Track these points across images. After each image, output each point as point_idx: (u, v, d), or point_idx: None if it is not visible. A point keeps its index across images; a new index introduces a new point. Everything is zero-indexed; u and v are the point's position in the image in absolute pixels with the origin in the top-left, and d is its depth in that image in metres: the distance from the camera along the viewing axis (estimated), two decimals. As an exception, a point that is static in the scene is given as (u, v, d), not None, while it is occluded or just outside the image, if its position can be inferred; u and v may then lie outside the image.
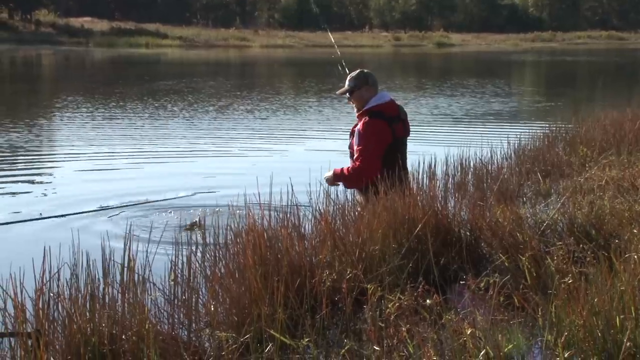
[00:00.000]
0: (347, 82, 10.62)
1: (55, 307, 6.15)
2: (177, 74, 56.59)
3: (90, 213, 12.98)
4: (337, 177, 10.28)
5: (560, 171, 13.25)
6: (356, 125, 10.48)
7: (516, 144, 15.71)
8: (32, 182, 17.40)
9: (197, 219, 10.00)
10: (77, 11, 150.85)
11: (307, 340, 6.19)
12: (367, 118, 10.22)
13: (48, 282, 6.41)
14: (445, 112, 30.09)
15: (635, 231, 8.41)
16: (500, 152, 14.42)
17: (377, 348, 5.95)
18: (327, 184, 10.31)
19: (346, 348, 6.11)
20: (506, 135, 18.43)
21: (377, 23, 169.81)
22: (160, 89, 43.39)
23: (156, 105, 35.10)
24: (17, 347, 5.83)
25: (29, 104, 37.16)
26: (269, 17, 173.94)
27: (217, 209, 10.93)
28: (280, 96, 40.35)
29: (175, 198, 13.96)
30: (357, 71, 10.72)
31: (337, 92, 10.90)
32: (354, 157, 10.22)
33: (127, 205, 13.38)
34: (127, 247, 6.94)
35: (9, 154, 21.01)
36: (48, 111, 33.20)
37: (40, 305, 6.14)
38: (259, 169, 14.67)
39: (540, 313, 6.55)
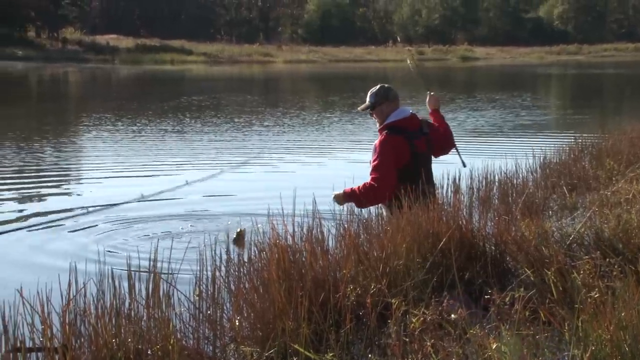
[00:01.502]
0: (367, 98, 10.65)
1: (81, 322, 6.20)
2: (202, 90, 56.65)
3: (115, 226, 13.02)
4: (347, 197, 10.20)
5: (586, 184, 13.15)
6: None
7: (542, 157, 15.57)
8: (61, 194, 17.47)
9: (240, 230, 10.01)
10: (102, 29, 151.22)
11: (331, 355, 6.20)
12: (385, 134, 10.27)
13: (74, 298, 6.48)
14: (470, 125, 29.89)
15: None
16: (526, 166, 14.31)
17: (406, 362, 5.98)
18: (336, 204, 10.31)
19: (372, 360, 6.14)
20: (531, 149, 18.34)
21: (401, 37, 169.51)
22: (185, 105, 43.51)
23: (181, 120, 35.25)
24: (46, 360, 5.89)
25: (56, 121, 37.23)
26: (292, 32, 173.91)
27: (240, 224, 10.98)
28: (304, 111, 40.38)
29: (197, 212, 14.04)
30: (378, 86, 10.71)
31: (359, 109, 10.86)
32: (369, 172, 10.25)
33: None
34: (152, 263, 7.01)
35: (38, 168, 21.09)
36: (76, 127, 33.39)
37: (67, 320, 6.21)
38: (282, 183, 14.69)
39: (566, 327, 6.47)
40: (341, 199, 10.20)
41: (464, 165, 11.95)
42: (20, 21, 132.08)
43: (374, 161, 10.18)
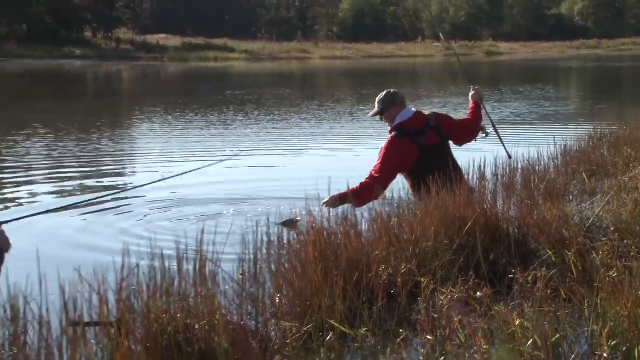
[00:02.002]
0: (376, 105, 10.75)
1: (134, 299, 6.25)
2: (244, 85, 56.69)
3: (164, 212, 13.10)
4: (342, 199, 10.08)
5: (605, 171, 13.08)
6: None
7: (562, 145, 15.56)
8: (114, 178, 17.56)
9: (294, 216, 10.01)
10: (153, 29, 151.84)
11: (365, 330, 6.23)
12: (392, 137, 10.42)
13: (128, 276, 6.52)
14: (495, 116, 29.27)
15: None
16: (547, 153, 14.22)
17: (430, 337, 5.96)
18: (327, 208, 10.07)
19: (401, 337, 6.13)
20: (553, 137, 18.30)
21: (429, 34, 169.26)
22: (229, 99, 43.52)
23: (224, 112, 35.23)
24: (102, 335, 5.93)
25: (111, 114, 37.37)
26: (328, 30, 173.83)
27: (280, 208, 10.99)
28: (339, 104, 40.27)
29: (238, 196, 14.05)
30: (384, 93, 10.79)
31: (370, 115, 10.95)
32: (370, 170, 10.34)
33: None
34: (199, 244, 7.03)
35: (94, 156, 21.20)
36: (129, 120, 33.50)
37: (121, 297, 6.27)
38: (318, 170, 14.68)
39: (586, 305, 6.48)
40: (336, 203, 10.01)
41: (508, 154, 12.29)
42: (78, 23, 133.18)
43: (377, 160, 10.32)
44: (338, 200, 9.89)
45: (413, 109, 10.57)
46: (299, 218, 9.35)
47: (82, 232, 11.69)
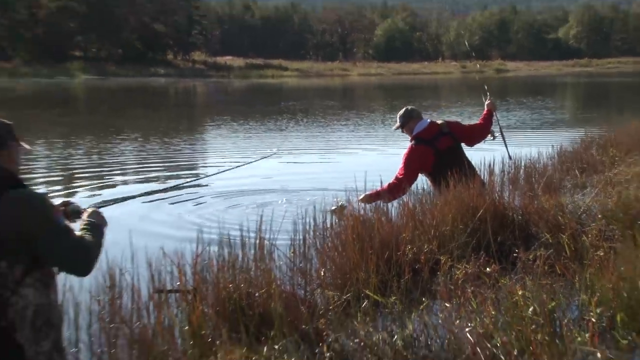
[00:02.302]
0: (397, 119, 10.71)
1: (206, 272, 6.33)
2: (295, 97, 56.76)
3: (228, 200, 13.10)
4: (373, 197, 9.92)
5: (594, 168, 13.13)
6: None
7: (558, 147, 15.50)
8: (188, 173, 17.61)
9: (341, 203, 10.03)
10: (221, 52, 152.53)
11: (394, 298, 6.23)
12: (412, 145, 10.36)
13: (201, 253, 6.58)
14: (503, 122, 29.34)
15: None
16: (546, 154, 14.26)
17: (447, 305, 5.96)
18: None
19: (424, 305, 6.13)
20: (550, 140, 18.29)
21: (448, 55, 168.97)
22: (283, 108, 43.61)
23: (279, 119, 35.20)
24: (181, 301, 6.01)
25: (187, 121, 37.53)
26: (364, 52, 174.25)
27: (324, 198, 10.99)
28: (373, 112, 40.24)
29: (289, 188, 14.07)
30: (404, 109, 10.72)
31: (393, 128, 10.93)
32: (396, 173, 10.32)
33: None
34: (258, 227, 7.08)
35: (175, 157, 21.28)
36: (202, 126, 33.61)
37: (196, 270, 6.36)
38: (356, 167, 14.62)
39: (577, 279, 6.55)
40: (369, 200, 9.94)
41: (509, 155, 12.24)
42: (162, 47, 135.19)
43: (401, 164, 10.29)
44: (370, 198, 9.87)
45: (428, 120, 10.53)
46: (346, 205, 9.35)
47: (164, 216, 11.76)
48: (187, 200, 13.10)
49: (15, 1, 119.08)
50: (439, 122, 10.57)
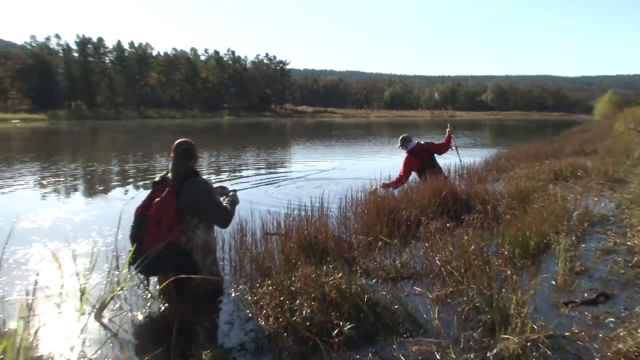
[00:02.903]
0: (399, 141, 10.58)
1: (293, 224, 6.28)
2: (340, 128, 56.82)
3: (304, 184, 12.97)
4: (387, 186, 9.86)
5: (502, 170, 12.95)
6: None
7: (484, 158, 15.50)
8: (287, 173, 17.65)
9: (374, 187, 10.09)
10: (301, 103, 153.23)
11: (396, 240, 6.17)
12: (407, 156, 10.23)
13: (291, 213, 6.56)
14: (456, 142, 29.44)
15: (535, 195, 8.46)
16: (478, 162, 14.13)
17: (425, 244, 5.92)
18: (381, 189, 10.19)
19: (412, 244, 6.09)
20: (480, 154, 18.06)
21: (424, 106, 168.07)
22: (334, 135, 43.63)
23: (330, 141, 35.13)
24: (278, 240, 5.97)
25: (283, 141, 37.65)
26: (378, 104, 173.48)
27: (356, 184, 10.92)
28: (383, 137, 40.07)
29: (340, 179, 14.00)
30: (402, 136, 10.61)
31: (396, 147, 10.86)
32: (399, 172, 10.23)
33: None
34: (321, 199, 7.04)
35: (276, 161, 21.31)
36: (290, 144, 33.71)
37: (287, 223, 6.35)
38: (377, 168, 14.50)
39: (495, 231, 6.44)
40: (384, 187, 9.90)
41: (460, 161, 12.24)
42: (268, 101, 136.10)
43: (401, 168, 10.12)
44: (385, 186, 9.86)
45: (415, 141, 10.47)
46: (375, 188, 9.38)
47: (269, 194, 11.71)
48: (282, 185, 13.06)
49: (195, 79, 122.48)
50: (422, 142, 10.53)
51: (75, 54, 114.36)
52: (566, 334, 4.00)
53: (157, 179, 5.02)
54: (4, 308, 4.01)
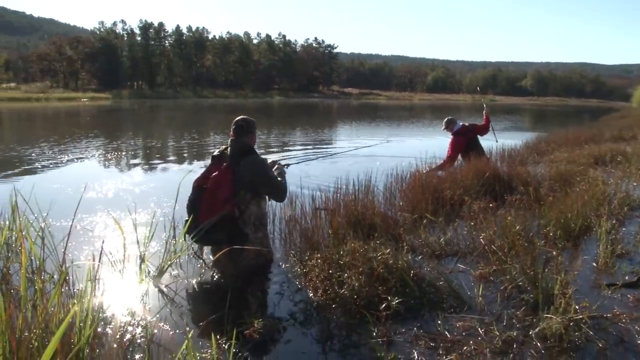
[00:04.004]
0: (444, 123, 10.40)
1: (341, 200, 6.20)
2: (384, 110, 56.36)
3: (352, 160, 12.85)
4: (435, 169, 9.75)
5: (543, 153, 12.65)
6: None
7: (524, 142, 15.11)
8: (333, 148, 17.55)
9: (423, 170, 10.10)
10: (347, 85, 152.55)
11: (440, 218, 6.04)
12: (454, 137, 10.10)
13: (340, 189, 6.50)
14: (498, 127, 28.73)
15: (577, 179, 8.22)
16: (520, 145, 13.94)
17: (471, 223, 5.77)
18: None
19: (457, 222, 5.94)
20: (520, 137, 17.65)
21: (464, 91, 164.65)
22: (378, 116, 43.32)
23: (375, 121, 34.90)
24: (326, 214, 5.91)
25: (327, 120, 37.55)
26: (421, 87, 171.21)
27: (401, 163, 10.77)
28: (425, 119, 39.57)
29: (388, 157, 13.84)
30: (448, 118, 10.45)
31: (442, 129, 10.63)
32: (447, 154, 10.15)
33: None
34: (369, 176, 6.96)
35: (322, 138, 21.22)
36: (336, 122, 33.61)
37: (335, 198, 6.31)
38: (417, 147, 14.33)
39: (537, 212, 6.28)
40: (434, 171, 9.91)
41: (496, 141, 11.88)
42: (316, 83, 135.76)
43: (448, 149, 10.06)
44: (433, 170, 9.82)
45: (460, 123, 10.30)
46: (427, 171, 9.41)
47: (318, 169, 11.65)
48: (329, 162, 12.98)
49: (248, 61, 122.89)
50: (466, 124, 10.35)
51: (138, 38, 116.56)
52: (608, 315, 3.85)
53: (215, 153, 5.00)
54: (73, 271, 4.05)
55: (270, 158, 5.70)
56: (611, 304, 4.05)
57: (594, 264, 4.87)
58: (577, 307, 3.78)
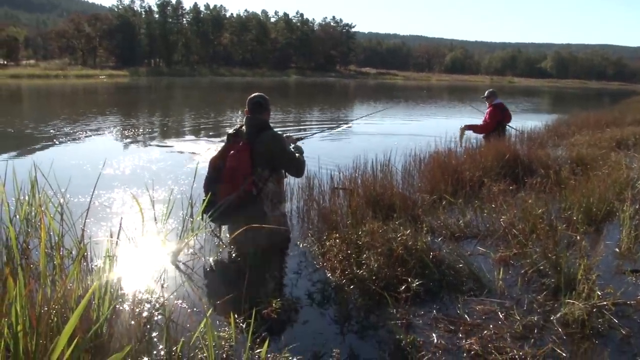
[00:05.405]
0: (486, 93, 10.54)
1: (361, 180, 6.13)
2: (401, 90, 55.86)
3: (368, 138, 12.74)
4: (469, 128, 10.19)
5: (563, 136, 12.45)
6: None
7: (544, 125, 14.92)
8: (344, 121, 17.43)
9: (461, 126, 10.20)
10: (364, 64, 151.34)
11: (460, 200, 5.92)
12: (493, 107, 10.26)
13: (357, 170, 6.44)
14: (517, 109, 28.50)
15: (600, 162, 8.07)
16: (539, 127, 13.82)
17: (491, 205, 5.67)
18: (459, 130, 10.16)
19: (477, 204, 5.85)
20: (540, 119, 17.43)
21: (483, 72, 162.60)
22: (394, 94, 42.96)
23: (392, 100, 34.57)
24: (345, 194, 5.83)
25: (342, 99, 37.29)
26: (439, 68, 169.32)
27: (420, 143, 10.67)
28: (441, 99, 39.18)
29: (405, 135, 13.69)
30: (491, 89, 10.63)
31: (481, 97, 10.72)
32: (483, 121, 10.37)
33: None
34: (388, 157, 6.89)
35: (334, 114, 21.10)
36: (352, 101, 33.37)
37: (353, 177, 6.29)
38: (433, 126, 14.19)
39: (558, 195, 6.18)
40: (467, 129, 10.10)
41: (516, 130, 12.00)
42: (333, 63, 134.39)
43: (486, 116, 10.30)
44: (468, 128, 10.11)
45: (499, 100, 10.55)
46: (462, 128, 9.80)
47: (335, 146, 11.59)
48: (345, 140, 12.89)
49: (265, 40, 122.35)
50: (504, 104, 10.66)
51: (156, 16, 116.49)
52: (632, 302, 3.76)
53: (231, 131, 4.95)
54: (91, 247, 4.04)
55: (285, 133, 5.65)
56: (635, 291, 3.95)
57: (617, 250, 4.77)
58: (599, 293, 3.71)
